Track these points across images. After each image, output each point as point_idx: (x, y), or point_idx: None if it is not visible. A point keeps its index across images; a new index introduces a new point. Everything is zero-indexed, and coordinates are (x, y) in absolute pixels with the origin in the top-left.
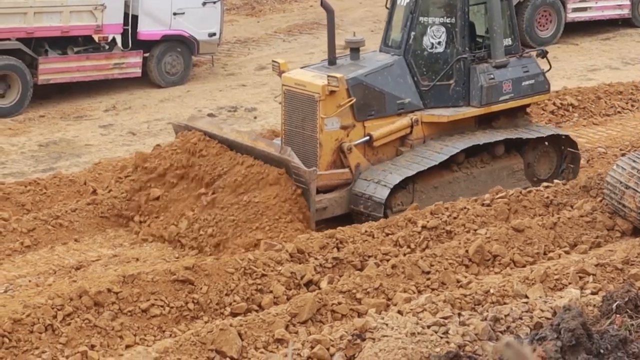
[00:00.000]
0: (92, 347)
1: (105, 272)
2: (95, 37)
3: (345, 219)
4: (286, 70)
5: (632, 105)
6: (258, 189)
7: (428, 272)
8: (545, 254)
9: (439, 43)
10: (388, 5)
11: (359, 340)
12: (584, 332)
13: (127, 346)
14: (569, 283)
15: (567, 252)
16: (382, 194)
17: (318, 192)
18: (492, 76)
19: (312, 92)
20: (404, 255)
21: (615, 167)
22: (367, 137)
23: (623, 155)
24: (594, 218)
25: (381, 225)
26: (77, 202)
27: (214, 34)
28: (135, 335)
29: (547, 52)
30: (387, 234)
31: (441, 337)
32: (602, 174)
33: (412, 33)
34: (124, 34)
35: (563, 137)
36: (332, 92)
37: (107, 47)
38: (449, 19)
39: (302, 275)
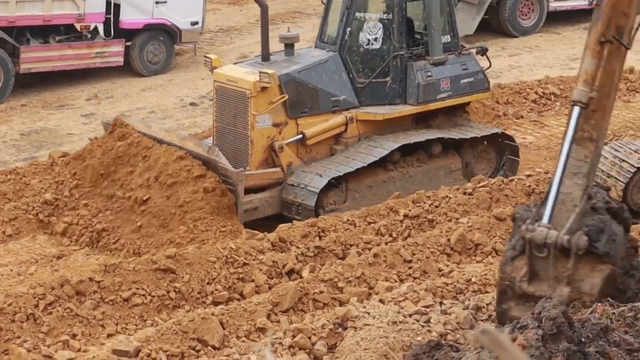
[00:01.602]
0: (74, 336)
1: (86, 262)
2: (77, 26)
3: (279, 219)
4: (218, 66)
5: None
6: (184, 187)
7: (410, 261)
8: None
9: (375, 39)
10: (324, 1)
11: (340, 329)
12: (565, 320)
13: (109, 335)
14: None
15: None
16: (311, 200)
17: (249, 191)
18: (429, 74)
19: (244, 89)
20: (386, 244)
21: None
22: (300, 136)
23: (605, 144)
24: None
25: (363, 214)
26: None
27: (197, 23)
28: (117, 324)
29: (486, 50)
30: (369, 223)
31: (423, 326)
32: None
33: (348, 29)
34: (106, 23)
35: (500, 135)
36: (264, 89)
37: (89, 35)
38: (386, 14)
39: (284, 264)
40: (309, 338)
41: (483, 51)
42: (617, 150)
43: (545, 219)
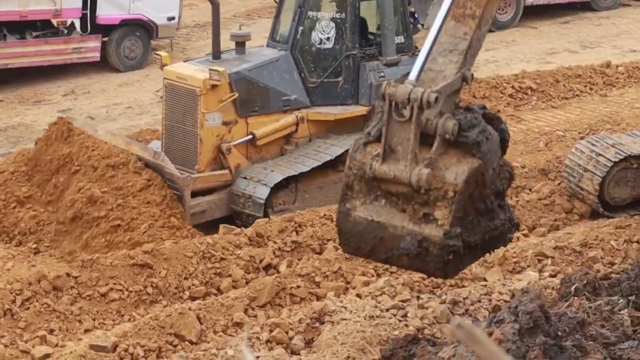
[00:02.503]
0: (51, 331)
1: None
2: (54, 22)
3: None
4: (168, 63)
5: (591, 89)
6: (131, 192)
7: None
8: None
9: (327, 39)
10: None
11: (317, 324)
12: (541, 314)
13: (86, 330)
14: (528, 266)
15: (525, 235)
16: (262, 193)
17: (197, 194)
18: (382, 74)
19: (193, 86)
20: None
21: (574, 151)
22: (250, 136)
23: (582, 138)
24: (553, 201)
25: None
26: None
27: (173, 18)
28: (94, 319)
29: None
30: None
31: (400, 320)
32: (560, 157)
33: (300, 28)
34: (83, 19)
35: None
36: (213, 87)
37: (65, 31)
38: (339, 14)
39: (261, 259)
40: (286, 333)
41: None
42: (594, 145)
43: (411, 78)
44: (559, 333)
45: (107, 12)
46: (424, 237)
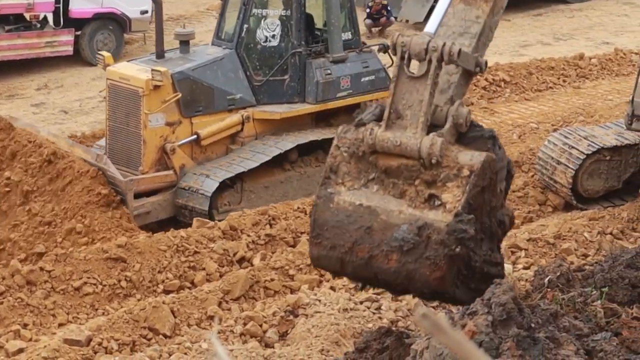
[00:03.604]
0: (25, 325)
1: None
2: (27, 16)
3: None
4: (111, 63)
5: (564, 81)
6: (74, 192)
7: None
8: None
9: (273, 36)
10: None
11: (291, 317)
12: (514, 306)
13: (60, 324)
14: None
15: None
16: (210, 186)
17: (142, 195)
18: (329, 71)
19: (136, 87)
20: None
21: (547, 143)
22: (195, 136)
23: (555, 130)
24: (526, 193)
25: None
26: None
27: (146, 12)
28: (68, 313)
29: (388, 47)
30: None
31: (374, 313)
32: (534, 150)
33: (245, 26)
34: (56, 12)
35: None
36: (156, 87)
37: (38, 25)
38: (285, 11)
39: (235, 252)
40: (260, 326)
41: (385, 48)
42: (567, 137)
43: (428, 30)
44: (532, 325)
45: (79, 6)
46: (427, 223)
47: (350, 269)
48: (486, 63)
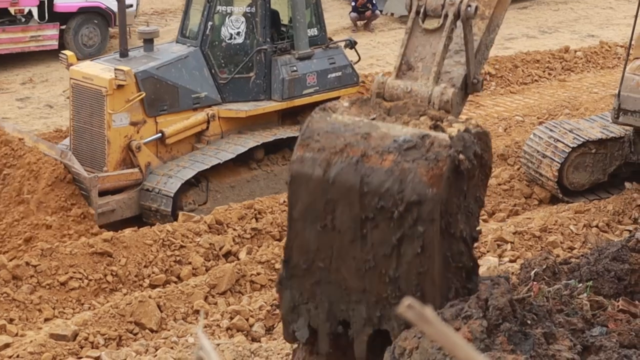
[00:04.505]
0: (11, 320)
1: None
2: (11, 10)
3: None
4: (74, 63)
5: (549, 74)
6: (37, 189)
7: None
8: None
9: (238, 34)
10: None
11: (278, 311)
12: (511, 310)
13: (46, 319)
14: (487, 251)
15: (485, 220)
16: (173, 187)
17: (106, 193)
18: (295, 68)
19: (100, 86)
20: None
21: (533, 136)
22: (159, 134)
23: (540, 123)
24: (512, 186)
25: None
26: None
27: (131, 6)
28: (54, 308)
29: (355, 43)
30: None
31: None
32: (519, 143)
33: (210, 23)
34: (40, 7)
35: None
36: (120, 87)
37: (23, 19)
38: (249, 8)
39: (221, 246)
40: (247, 320)
41: (352, 44)
42: (552, 130)
43: None
44: (528, 322)
45: (64, 0)
46: (430, 134)
47: (334, 172)
48: (482, 83)
